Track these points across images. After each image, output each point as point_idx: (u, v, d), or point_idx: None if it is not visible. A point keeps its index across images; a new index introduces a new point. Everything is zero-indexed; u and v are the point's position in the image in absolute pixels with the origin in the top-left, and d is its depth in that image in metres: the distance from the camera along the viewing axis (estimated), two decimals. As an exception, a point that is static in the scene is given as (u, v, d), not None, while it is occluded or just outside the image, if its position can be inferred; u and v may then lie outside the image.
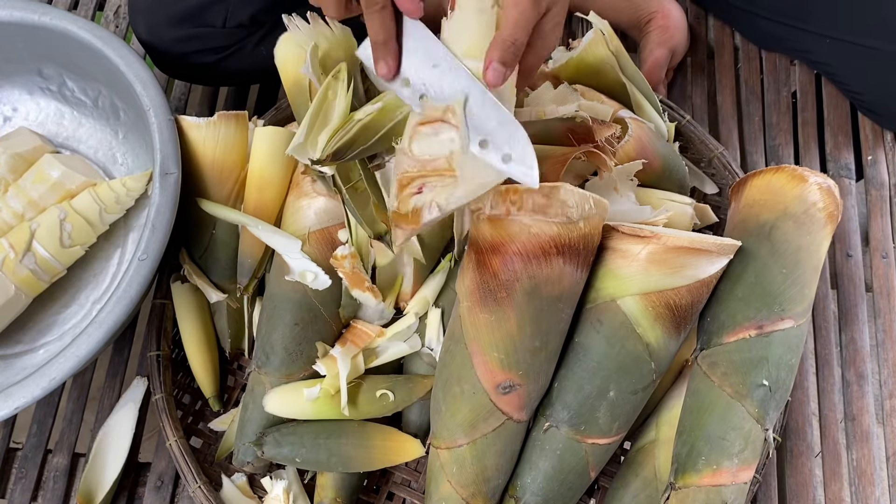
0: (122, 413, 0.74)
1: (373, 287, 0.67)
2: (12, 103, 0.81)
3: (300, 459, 0.66)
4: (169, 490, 0.75)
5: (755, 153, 0.90)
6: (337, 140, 0.59)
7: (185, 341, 0.74)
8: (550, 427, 0.62)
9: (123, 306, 0.62)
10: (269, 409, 0.67)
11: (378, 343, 0.69)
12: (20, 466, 0.76)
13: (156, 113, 0.68)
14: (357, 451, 0.67)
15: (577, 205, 0.57)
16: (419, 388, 0.68)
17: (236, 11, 0.75)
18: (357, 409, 0.67)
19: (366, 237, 0.67)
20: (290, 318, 0.68)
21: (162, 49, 0.78)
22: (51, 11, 0.72)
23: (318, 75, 0.65)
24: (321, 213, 0.68)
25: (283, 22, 0.67)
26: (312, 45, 0.65)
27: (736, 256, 0.63)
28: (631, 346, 0.60)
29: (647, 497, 0.64)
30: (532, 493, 0.62)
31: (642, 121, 0.74)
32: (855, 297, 0.82)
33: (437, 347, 0.68)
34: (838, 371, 0.80)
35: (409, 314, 0.69)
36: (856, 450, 0.77)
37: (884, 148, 0.90)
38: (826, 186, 0.65)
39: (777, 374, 0.61)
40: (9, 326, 0.73)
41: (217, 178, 0.71)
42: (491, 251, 0.58)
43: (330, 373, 0.66)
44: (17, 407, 0.60)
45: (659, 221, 0.66)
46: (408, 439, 0.69)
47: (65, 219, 0.71)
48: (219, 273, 0.73)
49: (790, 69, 0.95)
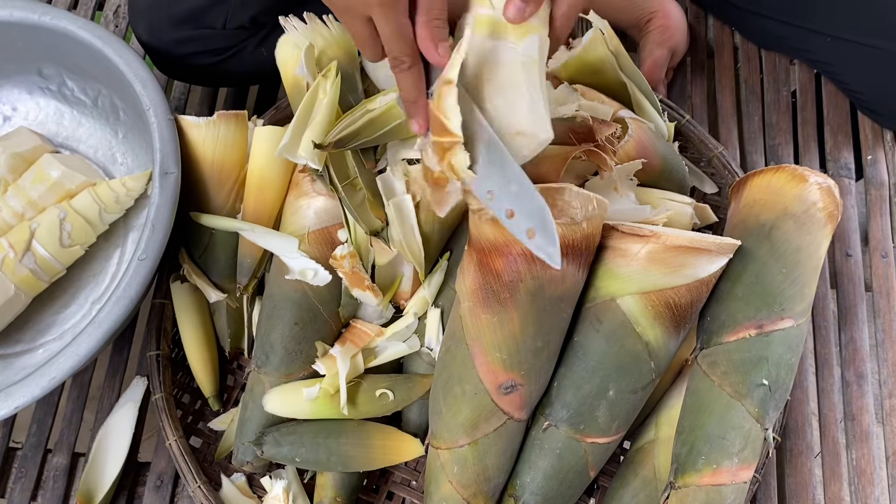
0: (121, 413, 0.74)
1: (373, 286, 0.67)
2: (12, 103, 0.81)
3: (300, 459, 0.66)
4: (168, 490, 0.75)
5: (755, 153, 0.90)
6: (343, 128, 0.58)
7: (185, 341, 0.74)
8: (550, 426, 0.62)
9: (123, 306, 0.62)
10: (268, 409, 0.67)
11: (377, 343, 0.69)
12: (20, 466, 0.76)
13: (155, 112, 0.68)
14: (357, 450, 0.67)
15: (581, 206, 0.57)
16: (419, 387, 0.68)
17: (237, 13, 0.75)
18: (356, 409, 0.67)
19: (365, 237, 0.67)
20: (289, 318, 0.68)
21: (162, 50, 0.78)
22: (51, 11, 0.72)
23: (313, 75, 0.65)
24: (321, 212, 0.68)
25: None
26: (307, 45, 0.65)
27: (736, 256, 0.63)
28: (630, 346, 0.60)
29: (647, 496, 0.64)
30: (531, 493, 0.62)
31: (642, 121, 0.74)
32: (854, 296, 0.82)
33: (437, 347, 0.68)
34: (838, 371, 0.80)
35: (409, 314, 0.69)
36: (855, 449, 0.77)
37: (883, 147, 0.90)
38: (826, 186, 0.65)
39: (777, 373, 0.61)
40: (8, 326, 0.73)
41: (216, 177, 0.71)
42: (494, 252, 0.58)
43: (329, 372, 0.66)
44: (17, 406, 0.60)
45: (658, 221, 0.66)
46: (408, 439, 0.69)
47: (64, 219, 0.71)
48: (218, 273, 0.73)
49: (790, 69, 0.95)
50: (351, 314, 0.70)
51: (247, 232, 0.69)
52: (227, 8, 0.75)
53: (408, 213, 0.64)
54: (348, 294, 0.68)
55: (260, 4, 0.76)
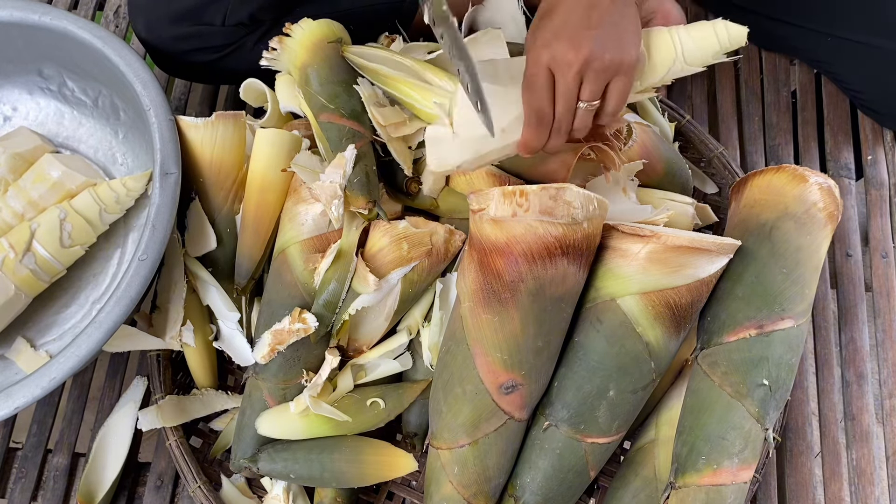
0: (122, 413, 0.74)
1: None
2: (12, 103, 0.81)
3: (294, 475, 0.66)
4: (169, 490, 0.75)
5: (755, 153, 0.90)
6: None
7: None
8: (550, 426, 0.62)
9: (123, 306, 0.62)
10: (261, 432, 0.67)
11: (368, 360, 0.69)
12: (20, 466, 0.76)
13: (156, 113, 0.68)
14: (350, 466, 0.67)
15: (582, 206, 0.57)
16: (409, 394, 0.68)
17: (236, 10, 0.75)
18: (349, 423, 0.67)
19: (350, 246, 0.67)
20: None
21: (161, 47, 0.78)
22: (51, 11, 0.72)
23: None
24: (318, 218, 0.67)
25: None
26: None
27: (736, 256, 0.63)
28: (630, 346, 0.60)
29: (647, 496, 0.64)
30: (531, 493, 0.62)
31: (646, 124, 0.74)
32: (855, 296, 0.82)
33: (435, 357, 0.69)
34: (838, 371, 0.80)
35: (401, 332, 0.69)
36: (855, 449, 0.77)
37: (883, 147, 0.90)
38: (826, 186, 0.65)
39: (777, 373, 0.61)
40: (9, 326, 0.73)
41: (215, 178, 0.71)
42: (495, 252, 0.58)
43: (318, 379, 0.66)
44: (17, 407, 0.60)
45: (659, 221, 0.66)
46: (401, 454, 0.68)
47: (65, 219, 0.71)
48: (217, 273, 0.73)
49: (790, 69, 0.95)
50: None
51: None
52: (225, 5, 0.75)
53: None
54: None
55: (259, 1, 0.76)
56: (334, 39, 0.70)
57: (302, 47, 0.69)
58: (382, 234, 0.66)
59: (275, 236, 0.71)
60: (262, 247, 0.71)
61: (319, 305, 0.66)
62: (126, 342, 0.69)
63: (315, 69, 0.69)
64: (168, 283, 0.72)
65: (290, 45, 0.70)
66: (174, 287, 0.71)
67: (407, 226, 0.66)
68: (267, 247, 0.72)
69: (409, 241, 0.66)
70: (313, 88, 0.69)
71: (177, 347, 0.71)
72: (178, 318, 0.71)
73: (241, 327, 0.71)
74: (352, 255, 0.66)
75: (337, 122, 0.68)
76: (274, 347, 0.65)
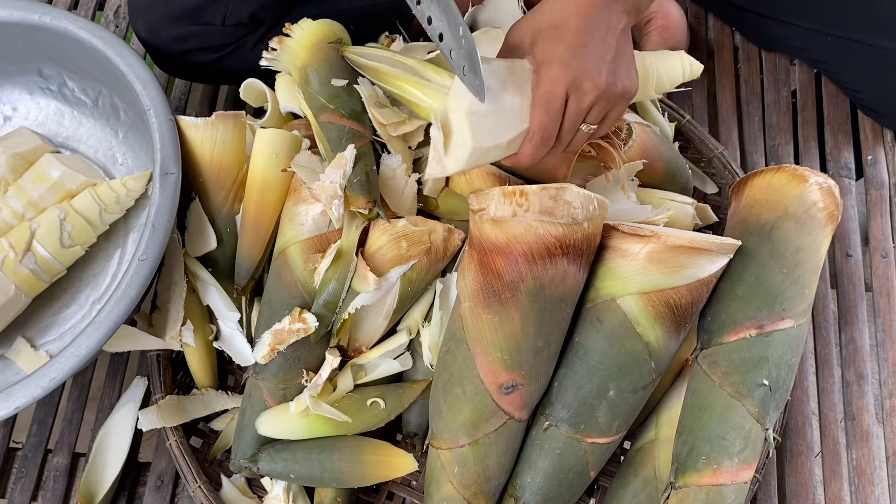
0: (122, 413, 0.74)
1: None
2: (12, 103, 0.81)
3: (294, 475, 0.66)
4: (169, 490, 0.75)
5: (755, 153, 0.90)
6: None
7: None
8: (550, 426, 0.62)
9: (123, 306, 0.62)
10: (262, 432, 0.67)
11: (368, 360, 0.69)
12: (20, 466, 0.76)
13: (156, 113, 0.68)
14: (350, 466, 0.67)
15: (582, 206, 0.58)
16: (409, 394, 0.68)
17: (236, 9, 0.75)
18: (349, 423, 0.67)
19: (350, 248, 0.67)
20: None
21: (161, 47, 0.78)
22: (51, 11, 0.72)
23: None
24: (318, 218, 0.67)
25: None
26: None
27: (736, 256, 0.63)
28: (630, 346, 0.60)
29: (647, 497, 0.64)
30: (531, 493, 0.62)
31: (646, 124, 0.74)
32: (855, 296, 0.82)
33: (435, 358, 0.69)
34: (838, 371, 0.80)
35: (401, 332, 0.69)
36: (856, 449, 0.77)
37: (884, 147, 0.90)
38: (826, 186, 0.65)
39: (777, 373, 0.61)
40: (9, 326, 0.73)
41: (215, 178, 0.71)
42: (495, 252, 0.58)
43: (318, 379, 0.66)
44: (17, 407, 0.60)
45: (659, 220, 0.66)
46: (401, 454, 0.68)
47: (65, 219, 0.71)
48: (217, 273, 0.73)
49: (790, 69, 0.95)
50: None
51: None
52: (225, 5, 0.75)
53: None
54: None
55: (259, 1, 0.76)
56: (334, 39, 0.70)
57: (302, 47, 0.69)
58: (381, 233, 0.66)
59: (275, 236, 0.71)
60: (262, 247, 0.71)
61: (319, 305, 0.66)
62: (126, 342, 0.69)
63: (315, 69, 0.69)
64: (168, 283, 0.72)
65: (289, 45, 0.70)
66: (174, 287, 0.71)
67: (406, 224, 0.66)
68: (267, 247, 0.72)
69: (408, 240, 0.66)
70: (313, 88, 0.69)
71: (177, 347, 0.71)
72: (178, 318, 0.71)
73: (241, 327, 0.71)
74: (352, 254, 0.66)
75: (337, 122, 0.68)
76: (274, 347, 0.65)
